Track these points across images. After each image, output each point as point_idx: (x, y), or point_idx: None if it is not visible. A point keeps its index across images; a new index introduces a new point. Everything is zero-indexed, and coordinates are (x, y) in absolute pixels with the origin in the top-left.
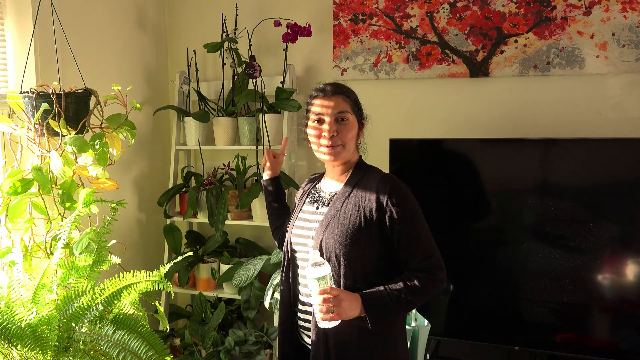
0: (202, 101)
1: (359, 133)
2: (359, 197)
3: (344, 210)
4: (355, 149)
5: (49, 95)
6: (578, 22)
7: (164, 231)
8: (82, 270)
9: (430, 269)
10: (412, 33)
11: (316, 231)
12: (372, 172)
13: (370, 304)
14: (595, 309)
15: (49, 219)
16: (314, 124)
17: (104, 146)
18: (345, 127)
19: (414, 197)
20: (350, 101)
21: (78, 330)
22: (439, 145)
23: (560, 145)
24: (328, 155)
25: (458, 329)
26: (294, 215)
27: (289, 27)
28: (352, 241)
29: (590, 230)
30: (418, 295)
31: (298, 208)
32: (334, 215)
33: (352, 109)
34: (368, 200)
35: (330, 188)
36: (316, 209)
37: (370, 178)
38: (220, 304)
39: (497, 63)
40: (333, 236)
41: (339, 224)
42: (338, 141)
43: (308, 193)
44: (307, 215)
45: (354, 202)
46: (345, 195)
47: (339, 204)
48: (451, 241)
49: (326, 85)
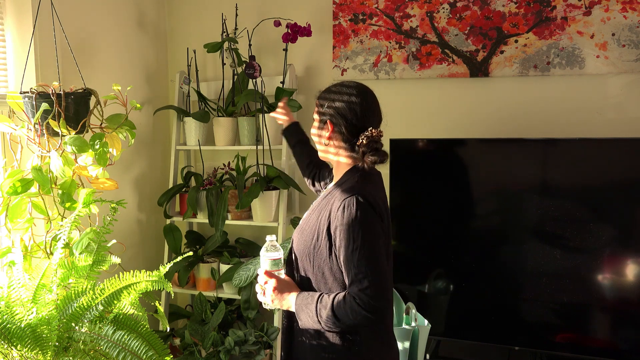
0: (202, 101)
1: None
2: (323, 205)
3: (310, 217)
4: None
5: (49, 95)
6: (578, 22)
7: (164, 231)
8: (82, 270)
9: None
10: (412, 33)
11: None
12: (350, 180)
13: (299, 305)
14: (595, 309)
15: (49, 219)
16: None
17: (104, 146)
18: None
19: (372, 216)
20: (317, 104)
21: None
22: (439, 145)
23: (560, 145)
24: None
25: (458, 329)
26: None
27: (289, 27)
28: (309, 249)
29: (590, 230)
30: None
31: None
32: (305, 219)
33: (319, 109)
34: (327, 209)
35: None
36: None
37: (343, 186)
38: (220, 304)
39: (497, 63)
40: (297, 240)
41: (303, 229)
42: None
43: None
44: None
45: (318, 209)
46: (319, 204)
47: (312, 212)
48: (451, 241)
49: None
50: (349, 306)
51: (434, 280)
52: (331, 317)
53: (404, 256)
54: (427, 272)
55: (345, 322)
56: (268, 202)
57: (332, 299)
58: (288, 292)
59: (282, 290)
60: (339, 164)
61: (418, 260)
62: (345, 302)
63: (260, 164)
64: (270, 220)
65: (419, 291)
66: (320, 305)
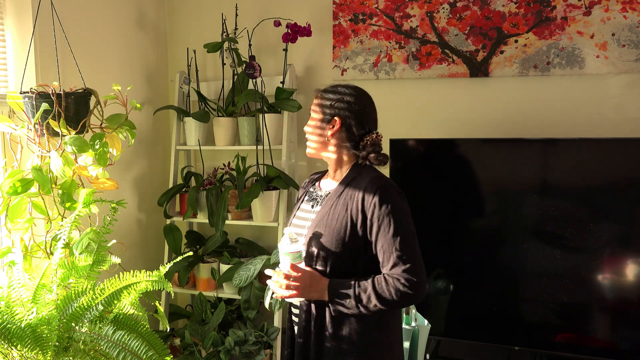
0: (202, 101)
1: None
2: (348, 197)
3: (334, 210)
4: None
5: (49, 95)
6: (578, 22)
7: (164, 231)
8: (82, 270)
9: (404, 278)
10: (412, 33)
11: (308, 229)
12: (365, 173)
13: (335, 292)
14: (595, 309)
15: (49, 219)
16: None
17: (104, 146)
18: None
19: (403, 202)
20: (321, 99)
21: (78, 330)
22: (439, 145)
23: (560, 145)
24: None
25: (458, 329)
26: (293, 214)
27: (289, 27)
28: (339, 241)
29: (590, 230)
30: (381, 298)
31: (297, 206)
32: (324, 214)
33: (321, 106)
34: (355, 200)
35: (327, 187)
36: (311, 207)
37: (362, 178)
38: (220, 304)
39: (497, 63)
40: (323, 234)
41: (327, 223)
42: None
43: (307, 191)
44: (302, 213)
45: (343, 201)
46: (337, 194)
47: (330, 203)
48: (451, 241)
49: None
50: (392, 287)
51: (433, 280)
52: (374, 298)
53: None
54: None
55: (389, 303)
56: (268, 202)
57: (372, 282)
58: (317, 282)
59: (313, 280)
60: (340, 161)
61: None
62: (387, 284)
63: (260, 164)
64: (270, 220)
65: None
66: (359, 289)
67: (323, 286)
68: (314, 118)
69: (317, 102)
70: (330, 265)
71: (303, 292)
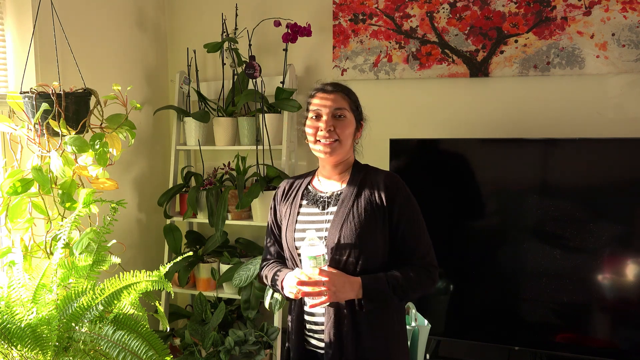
0: (202, 101)
1: (356, 133)
2: (368, 194)
3: (357, 208)
4: (351, 148)
5: (49, 95)
6: (578, 22)
7: (164, 231)
8: (82, 270)
9: (427, 265)
10: (412, 33)
11: (329, 230)
12: (373, 171)
13: (370, 288)
14: (595, 309)
15: (49, 219)
16: (312, 119)
17: (104, 146)
18: (342, 123)
19: None
20: (349, 99)
21: (78, 330)
22: (439, 145)
23: (560, 145)
24: (324, 150)
25: (458, 329)
26: (291, 219)
27: (289, 27)
28: (370, 237)
29: (590, 230)
30: (413, 287)
31: (294, 212)
32: (347, 213)
33: (351, 107)
34: (378, 196)
35: (331, 188)
36: (322, 209)
37: (375, 176)
38: (220, 304)
39: (497, 63)
40: (351, 234)
41: (355, 220)
42: (334, 136)
43: (302, 195)
44: (310, 217)
45: (365, 199)
46: (352, 193)
47: (349, 202)
48: (451, 241)
49: (326, 84)
50: (425, 275)
51: None
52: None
53: None
54: None
55: (419, 290)
56: (268, 202)
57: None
58: (350, 282)
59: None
60: (347, 162)
61: None
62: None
63: (260, 164)
64: None
65: None
66: (393, 281)
67: (357, 284)
68: (346, 118)
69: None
70: (362, 263)
71: (337, 295)
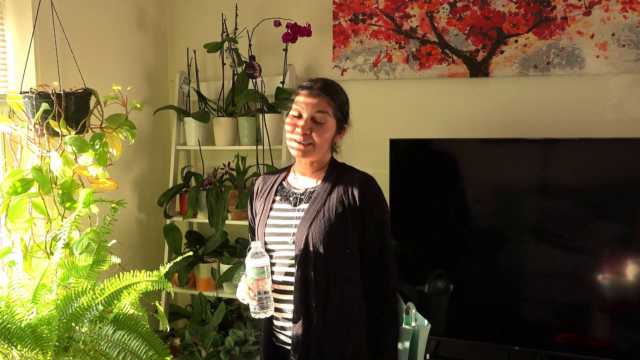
0: (202, 101)
1: (336, 136)
2: (341, 192)
3: (328, 206)
4: (328, 150)
5: (49, 95)
6: (578, 22)
7: (164, 231)
8: (82, 270)
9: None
10: (412, 33)
11: (298, 227)
12: (349, 170)
13: None
14: (595, 309)
15: (49, 219)
16: (293, 115)
17: (104, 146)
18: (320, 129)
19: None
20: (333, 104)
21: (78, 330)
22: (439, 145)
23: (560, 145)
24: (296, 151)
25: (458, 329)
26: (264, 214)
27: (289, 27)
28: (339, 235)
29: (590, 230)
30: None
31: (267, 207)
32: (317, 210)
33: (334, 113)
34: (352, 196)
35: (305, 184)
36: (294, 205)
37: (350, 175)
38: (220, 304)
39: (497, 63)
40: (320, 231)
41: (325, 219)
42: (309, 139)
43: (276, 191)
44: (281, 212)
45: (337, 197)
46: (326, 191)
47: (320, 200)
48: (451, 241)
49: (315, 81)
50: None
51: (434, 280)
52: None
53: (404, 256)
54: (427, 272)
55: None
56: None
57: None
58: None
59: None
60: (325, 159)
61: (418, 260)
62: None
63: (260, 164)
64: None
65: (419, 291)
66: None
67: None
68: (326, 124)
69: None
70: (330, 263)
71: None
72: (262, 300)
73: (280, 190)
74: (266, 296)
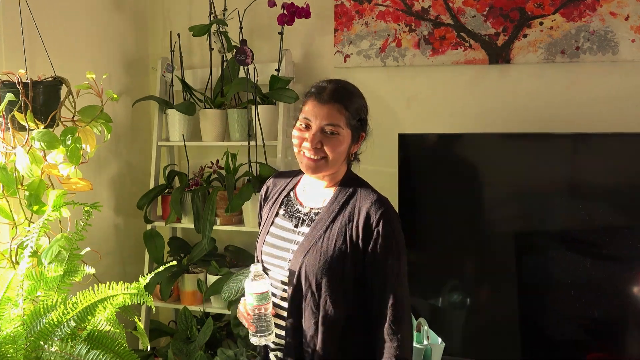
0: (187, 91)
1: (353, 145)
2: (345, 221)
3: (328, 235)
4: (344, 162)
5: (15, 84)
6: (611, 2)
7: (144, 238)
8: (51, 281)
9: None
10: (423, 14)
11: (294, 254)
12: (363, 192)
13: None
14: (631, 326)
15: (15, 224)
16: (300, 127)
17: (77, 142)
18: (333, 141)
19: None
20: (346, 112)
21: (47, 350)
22: (453, 140)
23: (591, 140)
24: (307, 164)
25: (476, 348)
26: (265, 227)
27: (284, 7)
28: (335, 270)
29: (626, 235)
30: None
31: (269, 219)
32: (316, 239)
33: (348, 122)
34: (355, 227)
35: (312, 203)
36: (294, 226)
37: (361, 199)
38: (208, 320)
39: (519, 48)
40: (314, 263)
41: (322, 250)
42: (320, 153)
43: (281, 202)
44: (281, 231)
45: (339, 227)
46: (330, 216)
47: (322, 227)
48: (468, 248)
49: (326, 85)
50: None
51: (448, 293)
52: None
53: (415, 265)
54: (441, 284)
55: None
56: None
57: None
58: None
59: None
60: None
61: (430, 270)
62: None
63: (253, 162)
64: None
65: (431, 305)
66: None
67: None
68: (339, 135)
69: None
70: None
71: None
72: (263, 325)
73: (286, 203)
74: (267, 322)
